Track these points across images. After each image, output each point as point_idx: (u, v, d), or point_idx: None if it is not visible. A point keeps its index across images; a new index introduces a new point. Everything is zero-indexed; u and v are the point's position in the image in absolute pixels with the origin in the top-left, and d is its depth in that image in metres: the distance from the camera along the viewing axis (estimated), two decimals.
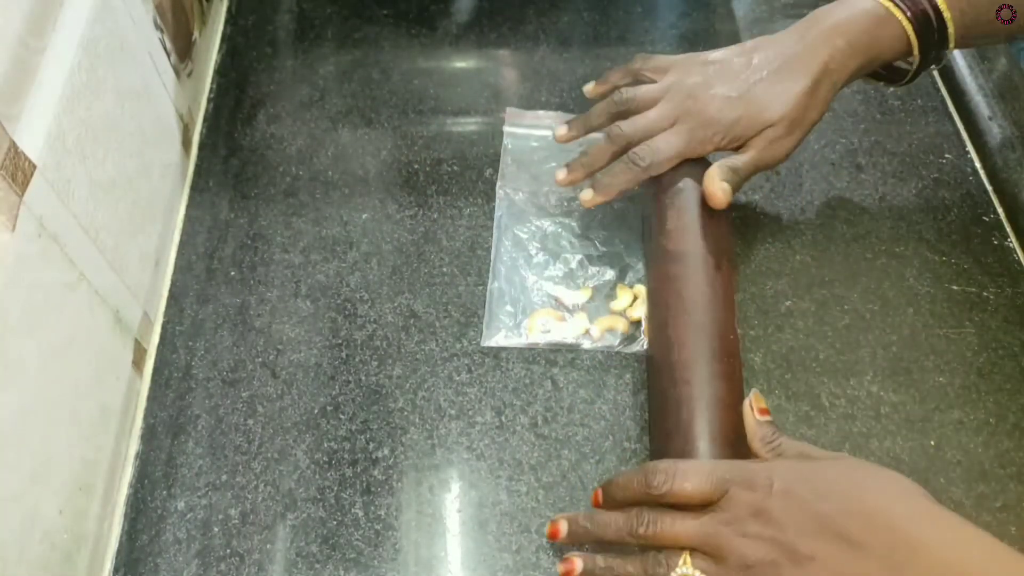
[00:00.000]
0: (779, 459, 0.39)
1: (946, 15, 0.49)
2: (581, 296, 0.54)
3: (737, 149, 0.50)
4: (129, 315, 0.49)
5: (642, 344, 0.51)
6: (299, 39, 0.68)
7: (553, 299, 0.54)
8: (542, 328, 0.52)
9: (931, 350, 0.52)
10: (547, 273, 0.55)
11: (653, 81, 0.53)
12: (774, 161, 0.50)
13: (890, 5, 0.49)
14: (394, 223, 0.57)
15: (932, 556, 0.34)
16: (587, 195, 0.52)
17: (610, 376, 0.51)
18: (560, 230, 0.57)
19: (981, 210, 0.59)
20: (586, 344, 0.52)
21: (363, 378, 0.51)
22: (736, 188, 0.49)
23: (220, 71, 0.66)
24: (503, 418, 0.49)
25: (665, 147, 0.50)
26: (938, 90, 0.66)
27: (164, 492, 0.47)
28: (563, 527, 0.42)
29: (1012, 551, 0.35)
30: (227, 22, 0.69)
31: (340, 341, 0.52)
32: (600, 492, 0.42)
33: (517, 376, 0.51)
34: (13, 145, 0.37)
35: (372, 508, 0.46)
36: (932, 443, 0.49)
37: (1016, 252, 0.57)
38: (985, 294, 0.54)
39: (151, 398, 0.50)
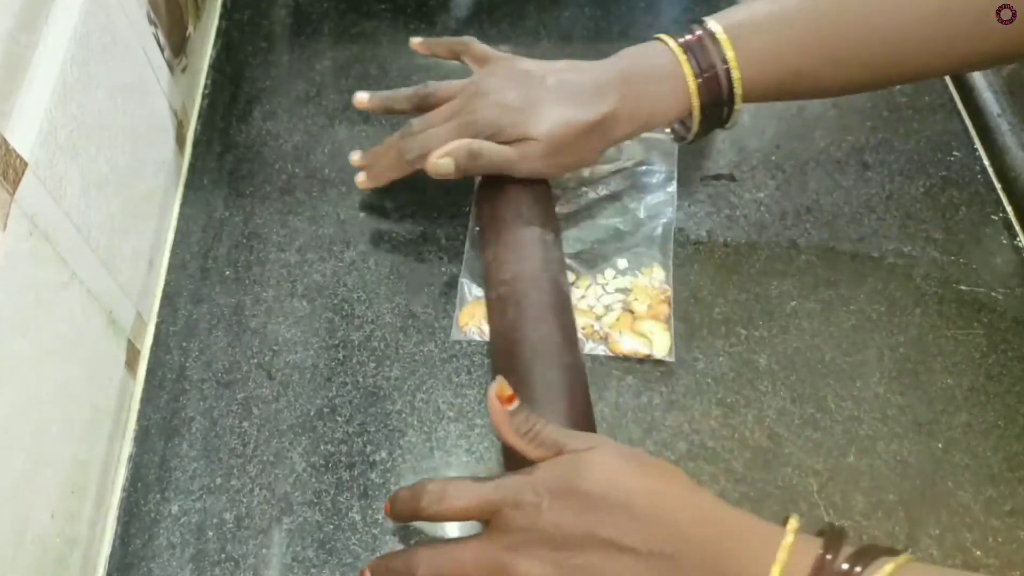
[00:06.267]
0: (545, 465, 0.39)
1: (736, 86, 0.48)
2: None
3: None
4: (122, 315, 0.49)
5: (603, 347, 0.51)
6: (295, 34, 0.67)
7: None
8: (481, 324, 0.51)
9: (939, 351, 0.51)
10: None
11: (468, 68, 0.55)
12: (524, 172, 0.50)
13: (686, 68, 0.49)
14: (392, 222, 0.57)
15: (693, 553, 0.36)
16: (360, 178, 0.55)
17: (611, 379, 0.50)
18: None
19: (990, 209, 0.58)
20: None
21: (360, 380, 0.50)
22: (463, 169, 0.50)
23: (215, 66, 0.65)
24: None
25: (433, 142, 0.51)
26: (946, 87, 0.65)
27: (158, 495, 0.46)
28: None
29: (768, 525, 0.36)
30: (222, 17, 0.68)
31: (337, 342, 0.51)
32: (388, 505, 0.43)
33: None
34: (4, 142, 0.36)
35: (370, 512, 0.46)
36: (940, 446, 0.48)
37: None
38: (994, 295, 0.54)
39: (144, 400, 0.49)
